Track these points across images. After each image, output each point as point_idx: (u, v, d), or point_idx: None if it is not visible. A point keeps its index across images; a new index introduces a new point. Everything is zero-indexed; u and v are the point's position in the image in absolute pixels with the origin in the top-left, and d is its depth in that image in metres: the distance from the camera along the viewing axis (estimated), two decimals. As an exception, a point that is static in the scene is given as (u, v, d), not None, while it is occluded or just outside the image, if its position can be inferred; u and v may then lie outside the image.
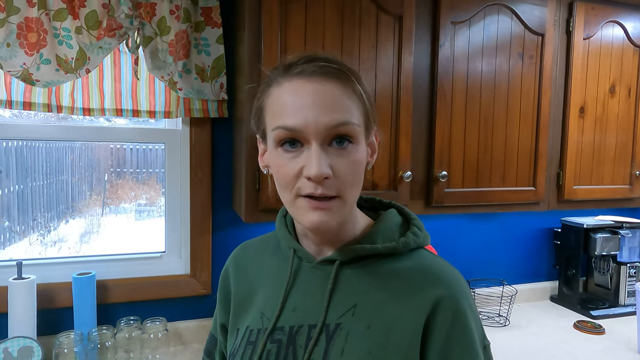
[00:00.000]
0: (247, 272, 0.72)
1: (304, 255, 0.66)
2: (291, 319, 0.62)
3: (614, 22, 1.59)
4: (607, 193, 1.64)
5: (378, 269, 0.62)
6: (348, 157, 0.56)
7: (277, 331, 0.62)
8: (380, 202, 0.72)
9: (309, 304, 0.62)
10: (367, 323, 0.58)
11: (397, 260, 0.62)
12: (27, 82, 1.20)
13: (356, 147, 0.57)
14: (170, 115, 1.41)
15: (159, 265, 1.49)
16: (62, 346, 1.21)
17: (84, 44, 1.23)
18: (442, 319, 0.57)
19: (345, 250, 0.62)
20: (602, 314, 1.75)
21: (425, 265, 0.61)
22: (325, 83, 0.55)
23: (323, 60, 0.56)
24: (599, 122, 1.61)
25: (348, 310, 0.59)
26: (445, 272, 0.61)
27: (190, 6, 1.33)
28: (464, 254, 1.84)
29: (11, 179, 2.14)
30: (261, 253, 0.73)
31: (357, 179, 0.58)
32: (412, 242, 0.63)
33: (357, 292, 0.60)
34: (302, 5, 1.21)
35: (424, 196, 1.41)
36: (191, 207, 1.48)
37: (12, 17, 1.17)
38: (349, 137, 0.56)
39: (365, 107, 0.59)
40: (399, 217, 0.68)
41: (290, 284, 0.65)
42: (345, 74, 0.56)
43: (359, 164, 0.58)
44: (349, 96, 0.56)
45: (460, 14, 1.37)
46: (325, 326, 0.59)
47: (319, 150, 0.55)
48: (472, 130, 1.43)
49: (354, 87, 0.57)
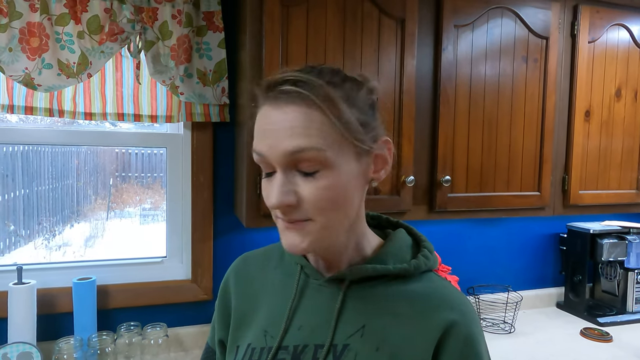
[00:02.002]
0: (248, 286, 0.70)
1: (310, 272, 0.64)
2: (296, 338, 0.60)
3: (619, 25, 1.57)
4: (614, 198, 1.62)
5: (387, 290, 0.60)
6: (317, 183, 0.53)
7: (281, 350, 0.60)
8: (387, 221, 0.71)
9: (316, 323, 0.60)
10: (376, 345, 0.56)
11: (407, 283, 0.61)
12: (29, 86, 1.21)
13: (329, 172, 0.53)
14: (171, 120, 1.40)
15: (160, 271, 1.48)
16: (61, 352, 1.20)
17: (86, 48, 1.23)
18: (453, 345, 0.56)
19: (356, 270, 0.60)
20: (609, 321, 1.72)
21: (435, 289, 0.61)
22: (287, 108, 0.53)
23: (290, 83, 0.53)
24: (604, 126, 1.59)
25: (357, 331, 0.58)
26: (456, 297, 0.60)
27: (192, 11, 1.33)
28: (468, 260, 1.82)
29: (17, 183, 2.15)
30: (264, 266, 0.71)
31: (333, 204, 0.54)
32: (423, 265, 0.62)
33: (366, 312, 0.59)
34: (303, 10, 1.20)
35: (427, 201, 1.40)
36: (192, 212, 1.47)
37: (15, 22, 1.18)
38: (316, 162, 0.53)
39: (342, 126, 0.53)
40: (409, 238, 0.67)
41: (296, 301, 0.63)
42: (309, 97, 0.52)
43: (332, 188, 0.54)
44: (310, 119, 0.52)
45: (463, 17, 1.36)
46: (333, 347, 0.57)
47: (281, 179, 0.54)
48: (475, 135, 1.41)
49: (322, 109, 0.52)
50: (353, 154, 0.56)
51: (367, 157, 0.58)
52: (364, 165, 0.58)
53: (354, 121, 0.54)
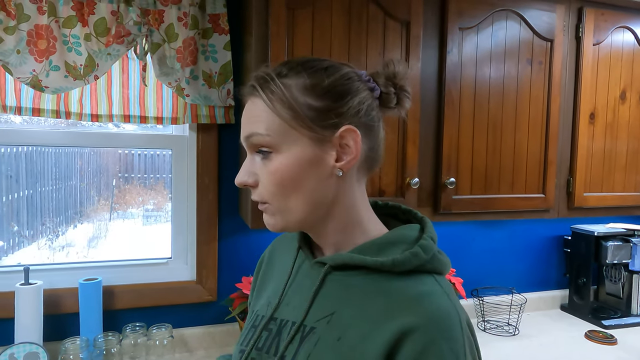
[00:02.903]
0: (274, 260, 0.77)
1: (305, 254, 0.68)
2: (283, 313, 0.64)
3: (624, 28, 1.57)
4: (618, 200, 1.62)
5: (367, 283, 0.58)
6: (267, 167, 0.59)
7: (272, 321, 0.65)
8: (414, 215, 0.68)
9: (298, 301, 0.63)
10: (339, 334, 0.56)
11: (390, 279, 0.57)
12: (37, 88, 1.21)
13: (277, 156, 0.58)
14: (177, 122, 1.41)
15: (165, 272, 1.49)
16: (67, 352, 1.21)
17: (93, 50, 1.24)
18: (407, 353, 0.51)
19: (336, 256, 0.62)
20: (614, 324, 1.71)
21: (414, 290, 0.55)
22: (248, 100, 0.61)
23: (253, 79, 0.61)
24: (609, 129, 1.59)
25: (325, 317, 0.59)
26: (432, 304, 0.54)
27: (198, 13, 1.33)
28: (472, 262, 1.82)
29: (21, 184, 2.16)
30: (288, 245, 0.76)
31: (281, 188, 0.59)
32: (408, 262, 0.57)
33: (339, 300, 0.59)
34: (309, 13, 1.21)
35: (431, 203, 1.40)
36: (197, 213, 1.48)
37: (23, 25, 1.19)
38: (265, 147, 0.59)
39: (287, 113, 0.57)
40: (415, 234, 0.63)
41: (291, 279, 0.68)
42: (255, 89, 0.59)
43: (279, 172, 0.58)
44: (260, 108, 0.59)
45: (468, 20, 1.37)
46: (302, 327, 0.60)
47: (247, 161, 0.62)
48: (480, 137, 1.42)
49: (264, 99, 0.58)
50: (308, 141, 0.58)
51: (327, 145, 0.59)
52: (323, 152, 0.59)
53: (302, 108, 0.57)
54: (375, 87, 0.62)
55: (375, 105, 0.62)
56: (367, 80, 0.61)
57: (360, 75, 0.61)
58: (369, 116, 0.60)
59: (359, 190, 0.63)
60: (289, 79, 0.59)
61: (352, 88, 0.59)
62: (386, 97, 0.62)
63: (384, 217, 0.68)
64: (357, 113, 0.59)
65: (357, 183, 0.63)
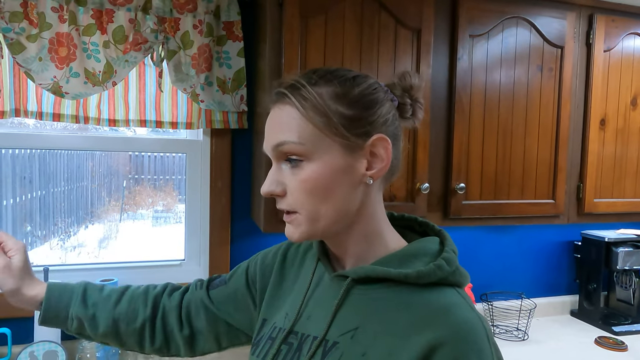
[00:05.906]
0: (289, 268, 0.74)
1: (325, 265, 0.67)
2: (304, 327, 0.64)
3: (635, 34, 1.57)
4: (629, 206, 1.61)
5: (390, 296, 0.58)
6: (298, 175, 0.58)
7: (292, 334, 0.64)
8: (432, 229, 0.69)
9: (320, 315, 0.62)
10: (364, 350, 0.55)
11: (413, 292, 0.57)
12: (57, 94, 1.25)
13: (309, 164, 0.57)
14: (192, 127, 1.44)
15: (179, 273, 1.51)
16: (84, 351, 1.24)
17: (111, 57, 1.28)
18: None
19: (358, 269, 0.60)
20: (624, 330, 1.71)
21: (439, 304, 0.55)
22: (277, 108, 0.60)
23: (282, 86, 0.60)
24: (620, 135, 1.59)
25: (349, 332, 0.58)
26: (458, 316, 0.53)
27: (213, 21, 1.37)
28: (482, 267, 1.83)
29: (34, 185, 2.21)
30: (305, 254, 0.74)
31: (312, 196, 0.57)
32: (432, 274, 0.57)
33: (363, 314, 0.58)
34: (322, 21, 1.23)
35: (441, 208, 1.41)
36: (210, 216, 1.50)
37: (45, 33, 1.22)
38: (296, 155, 0.58)
39: (321, 121, 0.57)
40: (436, 247, 0.63)
41: (310, 291, 0.67)
42: (287, 96, 0.58)
43: (311, 180, 0.57)
44: (291, 116, 0.58)
45: (478, 27, 1.38)
46: (324, 342, 0.59)
47: (273, 170, 0.61)
48: (490, 143, 1.43)
49: (297, 106, 0.57)
50: (340, 148, 0.58)
51: (358, 153, 0.59)
52: (354, 160, 0.58)
53: (335, 116, 0.57)
54: (394, 98, 0.62)
55: (397, 115, 0.63)
56: (386, 91, 0.62)
57: (382, 87, 0.62)
58: (394, 125, 0.61)
59: (378, 200, 0.63)
60: (320, 87, 0.58)
61: (379, 98, 0.60)
62: (402, 108, 0.63)
63: (400, 229, 0.68)
64: (385, 122, 0.60)
65: (378, 192, 0.63)
